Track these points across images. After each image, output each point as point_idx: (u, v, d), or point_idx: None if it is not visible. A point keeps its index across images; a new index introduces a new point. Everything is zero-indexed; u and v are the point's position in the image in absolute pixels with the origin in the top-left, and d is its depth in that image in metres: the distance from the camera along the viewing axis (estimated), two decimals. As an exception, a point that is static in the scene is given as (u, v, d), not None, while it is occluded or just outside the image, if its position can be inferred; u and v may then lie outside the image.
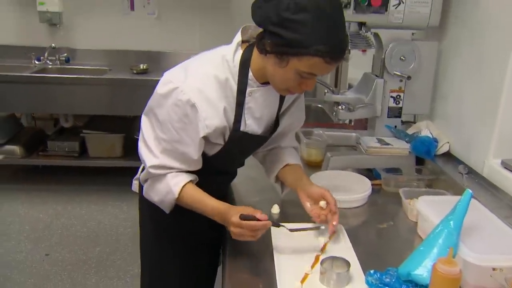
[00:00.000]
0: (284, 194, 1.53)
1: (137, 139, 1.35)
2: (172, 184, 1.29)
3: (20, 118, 4.09)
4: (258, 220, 1.18)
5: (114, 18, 3.99)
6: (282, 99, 1.38)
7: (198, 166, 1.33)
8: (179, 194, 1.28)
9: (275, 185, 1.53)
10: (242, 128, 1.31)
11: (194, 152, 1.28)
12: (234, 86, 1.26)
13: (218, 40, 1.28)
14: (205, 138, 1.27)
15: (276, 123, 1.42)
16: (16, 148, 3.65)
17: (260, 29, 1.20)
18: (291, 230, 1.28)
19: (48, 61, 3.87)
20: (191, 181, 1.32)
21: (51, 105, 3.59)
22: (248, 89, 1.28)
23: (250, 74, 1.26)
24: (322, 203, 1.33)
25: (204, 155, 1.33)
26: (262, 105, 1.32)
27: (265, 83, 1.28)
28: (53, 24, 3.91)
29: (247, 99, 1.28)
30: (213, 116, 1.24)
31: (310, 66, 1.13)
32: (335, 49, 1.12)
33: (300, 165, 1.50)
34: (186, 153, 1.27)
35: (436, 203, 1.36)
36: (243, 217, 1.18)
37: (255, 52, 1.24)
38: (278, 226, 1.27)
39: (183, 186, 1.29)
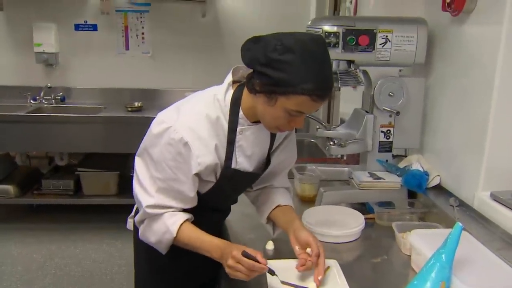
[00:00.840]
0: (275, 234, 1.53)
1: (132, 177, 1.37)
2: (169, 224, 1.30)
3: (14, 157, 4.09)
4: (258, 262, 1.18)
5: (109, 57, 4.07)
6: (273, 137, 1.41)
7: (193, 203, 1.34)
8: (177, 233, 1.29)
9: (266, 226, 1.52)
10: (233, 166, 1.33)
11: (189, 190, 1.30)
12: (225, 124, 1.29)
13: (210, 78, 1.33)
14: (197, 175, 1.30)
15: (267, 161, 1.44)
16: (10, 188, 3.64)
17: (250, 70, 1.25)
18: (283, 283, 1.26)
19: (43, 101, 3.93)
20: (187, 219, 1.33)
21: (46, 143, 3.61)
22: (239, 128, 1.31)
23: (241, 113, 1.30)
24: (309, 250, 1.30)
25: (197, 193, 1.35)
26: (253, 143, 1.35)
27: (256, 121, 1.32)
28: (49, 64, 3.98)
29: (238, 137, 1.32)
30: (205, 153, 1.27)
31: (298, 104, 1.17)
32: (321, 87, 1.16)
33: (291, 206, 1.50)
34: (182, 191, 1.29)
35: (429, 236, 1.37)
36: (245, 254, 1.19)
37: (245, 91, 1.28)
38: (273, 274, 1.25)
39: (180, 225, 1.30)
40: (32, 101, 3.91)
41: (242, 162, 1.35)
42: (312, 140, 3.05)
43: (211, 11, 4.07)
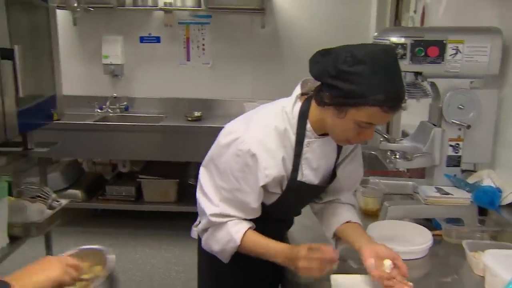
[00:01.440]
0: (339, 250, 1.48)
1: (191, 185, 1.41)
2: (233, 232, 1.31)
3: (82, 164, 4.31)
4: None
5: (171, 68, 4.21)
6: (339, 150, 1.40)
7: (257, 214, 1.35)
8: (241, 241, 1.31)
9: (331, 241, 1.49)
10: (299, 178, 1.33)
11: (254, 201, 1.31)
12: (293, 137, 1.30)
13: (269, 88, 1.33)
14: (264, 187, 1.30)
15: (333, 174, 1.43)
16: (78, 193, 3.83)
17: (318, 82, 1.24)
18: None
19: (109, 110, 4.11)
20: (250, 227, 1.34)
21: (111, 151, 3.78)
22: (306, 140, 1.31)
23: (308, 125, 1.30)
24: (387, 264, 1.25)
25: (262, 204, 1.36)
26: (320, 156, 1.34)
27: (323, 134, 1.31)
28: (115, 75, 4.17)
29: (305, 149, 1.31)
30: (273, 166, 1.28)
31: (369, 116, 1.16)
32: (393, 97, 1.15)
33: (361, 224, 1.46)
34: (246, 202, 1.30)
35: (505, 257, 1.31)
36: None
37: (313, 104, 1.28)
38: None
39: (244, 233, 1.31)
40: (98, 110, 4.11)
41: (308, 174, 1.34)
42: (372, 152, 2.98)
43: (270, 22, 4.11)
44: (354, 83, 1.14)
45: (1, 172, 2.03)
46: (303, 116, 1.30)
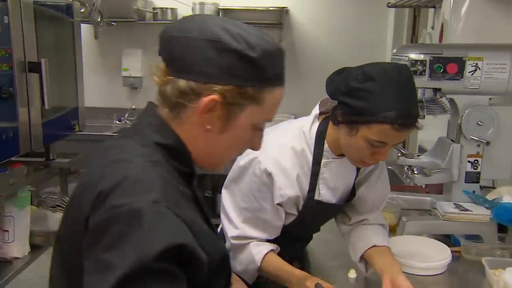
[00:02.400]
0: (368, 273, 1.46)
1: (208, 197, 1.43)
2: (254, 253, 1.32)
3: (99, 174, 4.36)
4: None
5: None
6: (358, 169, 1.40)
7: (277, 233, 1.36)
8: (261, 262, 1.31)
9: (359, 264, 1.46)
10: (316, 197, 1.34)
11: (275, 219, 1.32)
12: (310, 156, 1.30)
13: (285, 102, 1.33)
14: (280, 206, 1.32)
15: (352, 192, 1.43)
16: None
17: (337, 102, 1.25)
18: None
19: (127, 122, 4.17)
20: (272, 250, 1.34)
21: (128, 162, 3.82)
22: (324, 160, 1.31)
23: (326, 145, 1.30)
24: None
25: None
26: (337, 176, 1.35)
27: (341, 155, 1.32)
28: (134, 87, 4.24)
29: (322, 169, 1.32)
30: (287, 186, 1.29)
31: (380, 133, 1.15)
32: (404, 115, 1.13)
33: (389, 247, 1.43)
34: (267, 221, 1.32)
35: (525, 275, 1.30)
36: (318, 287, 1.20)
37: (330, 124, 1.28)
38: None
39: (265, 254, 1.32)
40: (117, 122, 4.17)
41: (325, 194, 1.35)
42: (389, 167, 2.98)
43: (287, 37, 4.15)
44: (364, 100, 1.14)
45: (24, 181, 2.08)
46: (320, 136, 1.30)
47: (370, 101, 1.13)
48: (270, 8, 4.01)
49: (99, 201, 0.77)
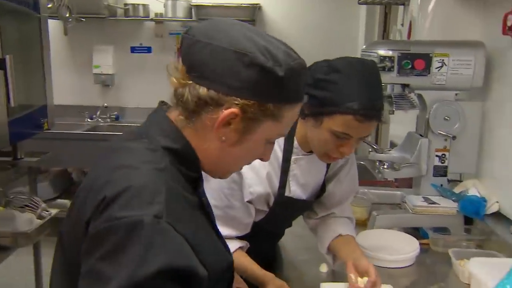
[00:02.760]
0: (335, 266, 1.48)
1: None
2: None
3: (71, 173, 4.28)
4: None
5: (162, 78, 4.19)
6: (328, 164, 1.42)
7: (247, 230, 1.36)
8: None
9: (326, 257, 1.48)
10: (286, 194, 1.35)
11: (244, 216, 1.32)
12: (280, 153, 1.31)
13: None
14: (250, 203, 1.32)
15: (322, 188, 1.45)
16: (68, 202, 3.80)
17: None
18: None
19: (99, 119, 4.11)
20: (241, 247, 1.35)
21: (101, 160, 3.76)
22: (293, 157, 1.32)
23: (295, 142, 1.31)
24: (365, 279, 1.25)
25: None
26: (307, 172, 1.36)
27: (311, 151, 1.32)
28: (106, 85, 4.18)
29: (292, 166, 1.33)
30: (257, 183, 1.29)
31: (343, 125, 1.15)
32: (366, 107, 1.14)
33: (354, 236, 1.46)
34: (237, 218, 1.32)
35: (489, 265, 1.33)
36: None
37: (300, 121, 1.28)
38: None
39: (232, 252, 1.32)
40: (89, 120, 4.11)
41: (296, 190, 1.36)
42: (361, 163, 3.02)
43: (260, 34, 4.15)
44: (328, 91, 1.15)
45: (-9, 181, 2.03)
46: (290, 133, 1.30)
47: (334, 92, 1.14)
48: (243, 5, 4.01)
49: (101, 208, 0.75)
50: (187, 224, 0.78)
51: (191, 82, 0.82)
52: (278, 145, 1.30)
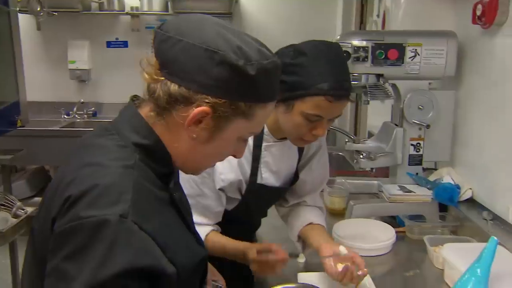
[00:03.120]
0: (306, 254, 1.49)
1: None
2: None
3: (48, 171, 4.21)
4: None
5: (139, 72, 4.15)
6: (301, 152, 1.43)
7: (218, 218, 1.36)
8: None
9: (297, 244, 1.49)
10: (258, 181, 1.35)
11: (216, 205, 1.32)
12: (251, 141, 1.31)
13: None
14: (222, 192, 1.32)
15: (295, 176, 1.45)
16: (44, 200, 3.75)
17: None
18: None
19: (76, 116, 4.05)
20: (213, 230, 1.35)
21: (79, 157, 3.71)
22: (264, 144, 1.33)
23: (266, 129, 1.31)
24: (342, 250, 1.26)
25: (224, 210, 1.37)
26: (279, 160, 1.36)
27: (282, 138, 1.33)
28: (82, 80, 4.11)
29: (264, 153, 1.33)
30: (228, 171, 1.30)
31: (314, 106, 1.17)
32: (336, 87, 1.16)
33: (324, 226, 1.47)
34: (208, 206, 1.32)
35: (462, 250, 1.36)
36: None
37: None
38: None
39: (206, 236, 1.32)
40: (65, 116, 4.04)
41: (268, 177, 1.37)
42: (340, 153, 3.05)
43: (237, 26, 4.11)
44: (297, 75, 1.16)
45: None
46: None
47: (302, 75, 1.15)
48: (220, -2, 3.98)
49: (66, 207, 0.75)
50: (155, 222, 0.78)
51: (163, 78, 0.81)
52: None
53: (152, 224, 0.76)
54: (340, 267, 1.24)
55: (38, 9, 3.18)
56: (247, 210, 1.40)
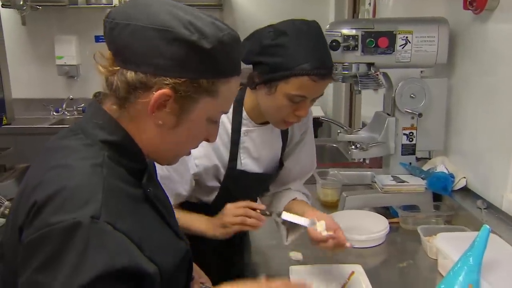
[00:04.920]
0: (289, 241, 1.44)
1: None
2: None
3: (39, 169, 4.17)
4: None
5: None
6: (284, 138, 1.40)
7: (184, 199, 1.34)
8: None
9: (281, 228, 1.43)
10: (238, 167, 1.32)
11: (183, 190, 1.30)
12: (228, 125, 1.29)
13: None
14: (199, 181, 1.29)
15: (280, 164, 1.43)
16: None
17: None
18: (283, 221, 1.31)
19: (66, 112, 4.00)
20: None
21: (69, 154, 3.67)
22: (244, 129, 1.30)
23: (245, 113, 1.29)
24: (321, 226, 1.23)
25: (205, 203, 1.35)
26: (260, 146, 1.34)
27: (262, 123, 1.30)
28: (70, 76, 4.05)
29: (243, 138, 1.31)
30: (202, 155, 1.27)
31: (299, 87, 1.15)
32: (319, 65, 1.15)
33: (308, 202, 1.47)
34: (175, 189, 1.29)
35: (456, 239, 1.34)
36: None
37: (248, 92, 1.27)
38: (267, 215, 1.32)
39: None
40: (55, 113, 3.99)
41: (248, 163, 1.34)
42: (334, 145, 3.02)
43: (228, 19, 4.09)
44: (279, 56, 1.14)
45: None
46: (238, 103, 1.29)
47: (284, 56, 1.14)
48: (209, -11, 3.93)
49: (33, 213, 0.71)
50: (130, 220, 0.74)
51: (118, 68, 0.77)
52: (227, 116, 1.28)
53: (126, 223, 0.72)
54: (319, 225, 1.24)
55: (21, 3, 3.10)
56: (229, 199, 1.35)
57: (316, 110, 3.99)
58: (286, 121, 1.23)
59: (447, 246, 1.31)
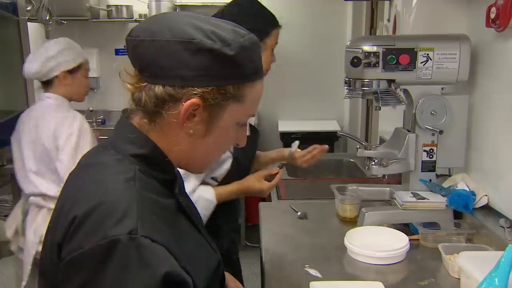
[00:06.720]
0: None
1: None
2: (206, 196, 1.59)
3: (59, 179, 4.22)
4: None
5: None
6: None
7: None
8: (216, 199, 1.63)
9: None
10: None
11: None
12: None
13: None
14: None
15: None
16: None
17: None
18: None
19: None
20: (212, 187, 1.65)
21: (88, 165, 3.71)
22: None
23: None
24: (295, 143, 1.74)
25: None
26: None
27: None
28: (91, 88, 4.11)
29: None
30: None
31: (276, 37, 1.68)
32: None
33: None
34: None
35: (479, 258, 1.32)
36: (267, 179, 1.68)
37: None
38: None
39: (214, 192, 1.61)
40: (75, 124, 4.04)
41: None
42: (352, 160, 3.01)
43: (246, 34, 4.12)
44: (255, 22, 1.56)
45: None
46: None
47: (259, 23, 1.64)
48: (228, 4, 3.97)
49: (72, 230, 0.72)
50: (166, 232, 0.76)
51: (145, 84, 0.80)
52: None
53: (163, 235, 0.74)
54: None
55: (47, 17, 3.19)
56: (239, 168, 1.66)
57: (333, 125, 3.99)
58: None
59: (471, 265, 1.29)
